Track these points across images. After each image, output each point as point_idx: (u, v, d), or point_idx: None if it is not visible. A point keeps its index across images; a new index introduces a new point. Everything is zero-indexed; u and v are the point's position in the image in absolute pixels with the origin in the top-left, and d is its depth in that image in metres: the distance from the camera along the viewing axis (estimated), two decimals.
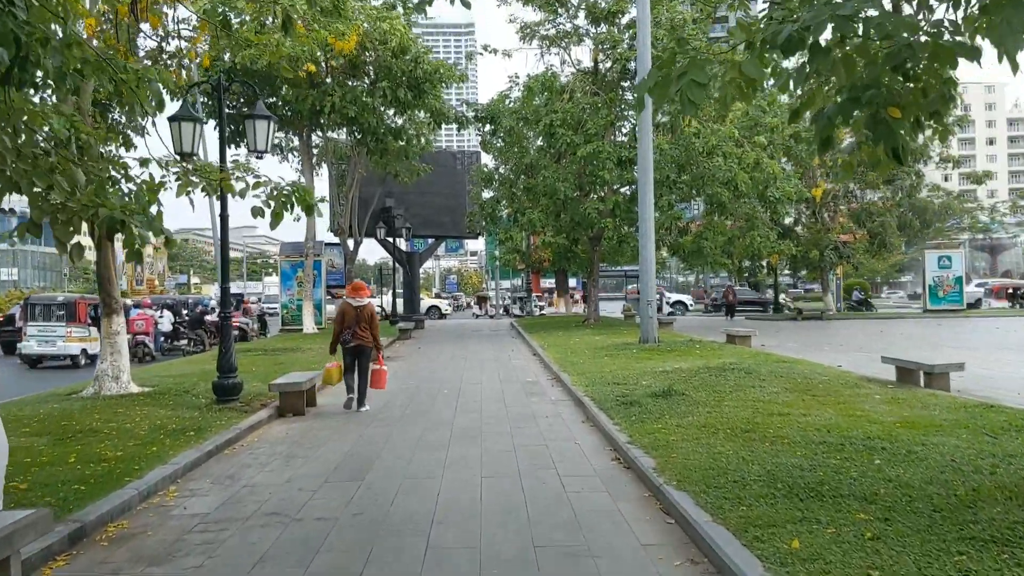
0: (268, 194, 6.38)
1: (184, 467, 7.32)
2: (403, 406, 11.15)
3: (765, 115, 23.34)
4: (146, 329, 22.19)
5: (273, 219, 6.41)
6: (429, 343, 23.80)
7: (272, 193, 6.35)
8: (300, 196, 6.38)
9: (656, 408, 9.13)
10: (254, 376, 13.65)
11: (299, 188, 6.39)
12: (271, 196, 6.35)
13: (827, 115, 4.72)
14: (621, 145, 24.59)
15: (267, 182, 6.46)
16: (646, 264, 17.16)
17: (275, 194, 6.33)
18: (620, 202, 23.93)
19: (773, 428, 7.76)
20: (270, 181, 6.47)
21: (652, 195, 17.32)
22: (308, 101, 23.44)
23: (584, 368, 13.86)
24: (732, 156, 22.42)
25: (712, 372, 11.92)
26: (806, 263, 33.01)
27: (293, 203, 6.44)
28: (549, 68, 25.90)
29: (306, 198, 6.39)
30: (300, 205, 6.42)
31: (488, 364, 16.91)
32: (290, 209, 6.42)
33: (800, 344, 20.56)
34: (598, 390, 11.04)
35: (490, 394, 12.16)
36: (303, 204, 6.41)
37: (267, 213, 6.44)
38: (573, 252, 28.34)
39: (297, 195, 6.37)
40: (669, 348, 16.31)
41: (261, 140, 10.60)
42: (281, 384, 10.56)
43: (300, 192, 6.37)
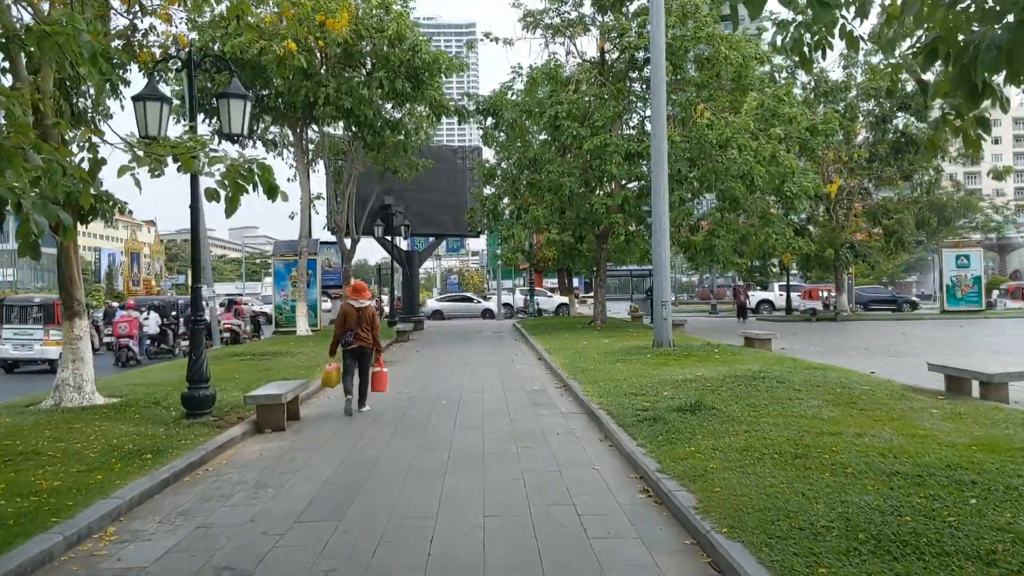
0: (224, 173, 5.20)
1: (130, 501, 6.14)
2: (396, 421, 9.97)
3: (782, 104, 22.09)
4: (130, 332, 21.03)
5: (229, 205, 5.24)
6: (428, 346, 22.62)
7: (229, 172, 5.18)
8: (262, 175, 5.20)
9: (685, 426, 7.94)
10: (235, 384, 12.47)
11: (260, 165, 5.21)
12: (227, 175, 5.17)
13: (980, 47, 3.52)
14: (629, 138, 23.39)
15: (224, 158, 5.29)
16: (660, 262, 15.97)
17: (232, 172, 5.16)
18: (629, 197, 22.73)
19: (828, 452, 6.58)
20: (227, 157, 5.30)
21: (667, 187, 16.12)
22: (301, 92, 22.29)
23: (595, 375, 12.67)
24: (748, 149, 21.21)
25: (740, 381, 10.73)
26: (819, 262, 31.81)
27: (256, 183, 5.27)
28: (553, 56, 24.69)
29: (268, 177, 5.20)
30: (263, 186, 5.24)
31: (490, 370, 15.73)
32: (250, 190, 5.25)
33: (823, 348, 19.36)
34: (614, 402, 9.85)
35: (493, 405, 10.98)
36: (265, 185, 5.23)
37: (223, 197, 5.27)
38: (578, 250, 27.13)
39: (259, 174, 5.20)
40: (686, 352, 15.11)
41: (236, 122, 9.42)
42: (258, 396, 9.38)
43: (261, 170, 5.19)
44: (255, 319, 30.14)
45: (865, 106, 31.05)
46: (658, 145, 15.99)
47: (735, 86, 23.65)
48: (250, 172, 5.22)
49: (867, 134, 31.56)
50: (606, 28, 24.65)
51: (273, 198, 5.35)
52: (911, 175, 32.61)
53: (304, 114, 24.35)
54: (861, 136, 31.63)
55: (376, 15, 22.33)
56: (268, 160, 44.24)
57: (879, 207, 31.85)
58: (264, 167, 5.25)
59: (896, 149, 30.83)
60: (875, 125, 30.73)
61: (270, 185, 5.29)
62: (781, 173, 21.87)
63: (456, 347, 21.90)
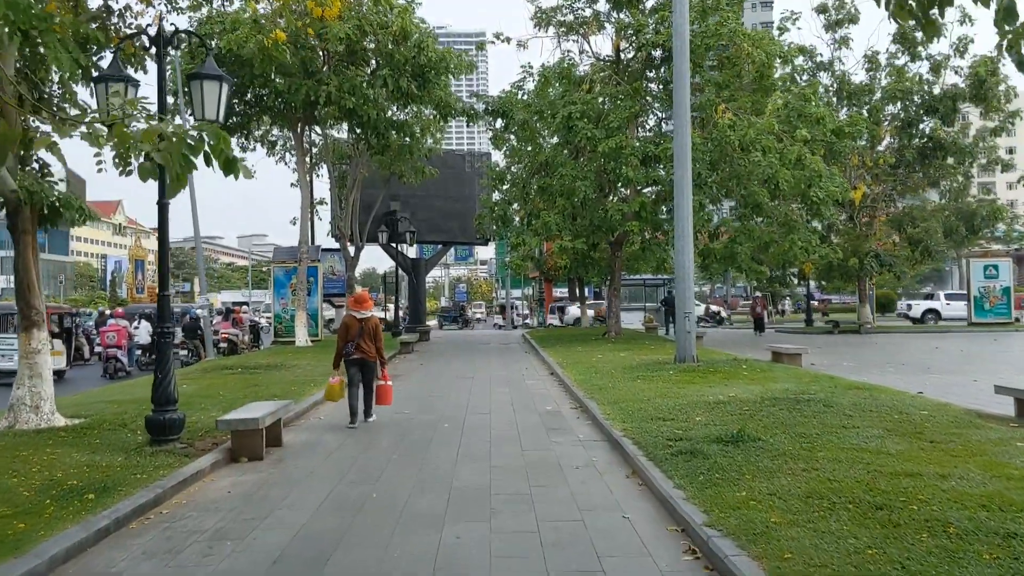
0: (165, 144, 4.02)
1: (52, 560, 4.95)
2: (391, 448, 8.76)
3: (808, 104, 20.85)
4: (118, 342, 19.92)
5: (173, 183, 4.07)
6: (433, 358, 21.42)
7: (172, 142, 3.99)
8: (216, 144, 4.02)
9: (729, 462, 6.71)
10: (217, 403, 11.30)
11: (214, 132, 4.03)
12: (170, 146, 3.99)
13: None
14: (646, 140, 22.21)
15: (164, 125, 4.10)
16: (683, 270, 14.74)
17: (176, 143, 3.98)
18: (645, 203, 21.50)
19: (914, 501, 5.34)
20: (170, 123, 4.12)
21: (690, 190, 14.94)
22: (302, 91, 21.18)
23: (615, 394, 11.44)
24: (772, 151, 19.99)
25: (781, 405, 9.49)
26: (842, 271, 30.47)
27: (210, 157, 4.09)
28: (567, 54, 23.53)
29: (222, 147, 4.02)
30: (216, 159, 4.06)
31: (499, 386, 14.51)
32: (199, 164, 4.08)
33: (855, 363, 18.07)
34: (640, 428, 8.62)
35: (501, 430, 9.75)
36: (220, 158, 4.05)
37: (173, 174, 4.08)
38: (591, 258, 25.91)
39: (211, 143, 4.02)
40: (711, 369, 13.86)
41: (211, 107, 8.27)
42: (232, 421, 8.19)
43: (215, 138, 4.01)
44: (255, 328, 29.03)
45: (890, 109, 29.76)
46: (681, 144, 14.80)
47: (756, 87, 22.45)
48: (199, 141, 4.03)
49: (891, 139, 30.25)
50: (622, 25, 23.51)
51: (230, 173, 4.17)
52: (938, 182, 31.29)
53: (305, 114, 23.28)
54: (886, 141, 30.33)
55: (380, 10, 21.24)
56: (265, 162, 42.65)
57: (905, 215, 30.49)
58: (218, 134, 4.06)
59: (923, 154, 29.52)
60: (901, 129, 29.42)
61: (226, 158, 4.11)
62: (807, 177, 20.62)
63: (462, 360, 20.69)
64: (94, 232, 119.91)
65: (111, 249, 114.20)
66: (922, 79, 29.21)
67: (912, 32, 29.21)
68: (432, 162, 29.92)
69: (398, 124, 24.02)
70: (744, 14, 25.73)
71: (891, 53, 30.31)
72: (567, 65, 23.38)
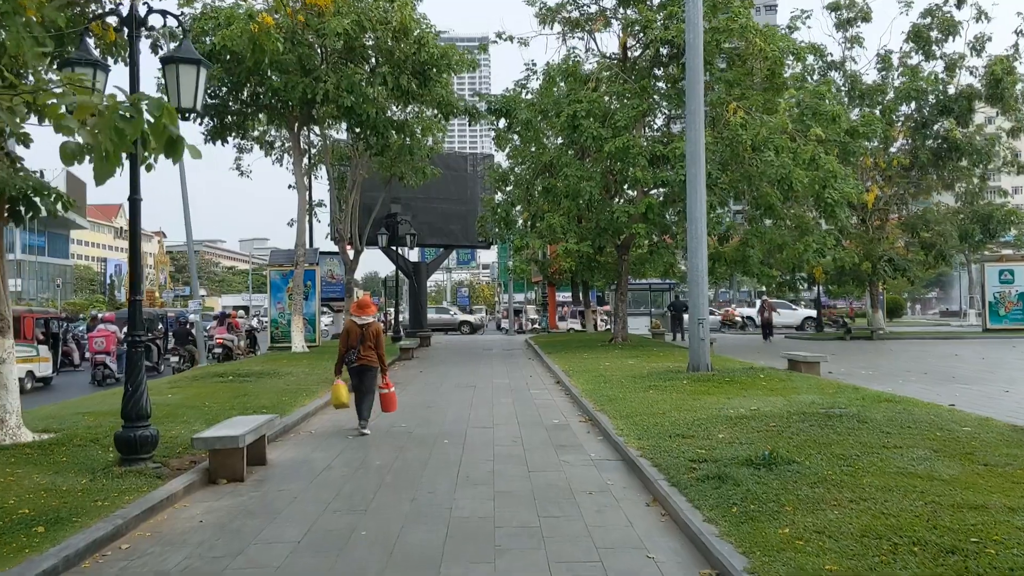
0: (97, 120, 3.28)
1: None
2: (385, 468, 8.00)
3: (822, 102, 20.07)
4: (106, 348, 19.20)
5: (100, 166, 3.31)
6: (433, 365, 20.65)
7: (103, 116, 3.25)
8: (159, 119, 3.28)
9: (763, 489, 5.94)
10: (201, 415, 10.57)
11: (155, 103, 3.29)
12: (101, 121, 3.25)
13: None
14: (654, 140, 21.46)
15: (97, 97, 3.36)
16: (697, 273, 13.98)
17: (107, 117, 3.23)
18: (653, 205, 20.72)
19: (988, 543, 4.58)
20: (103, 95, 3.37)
21: (704, 189, 14.19)
22: (299, 89, 20.47)
23: (627, 406, 10.67)
24: (786, 150, 19.23)
25: (810, 420, 8.73)
26: (854, 276, 29.66)
27: (147, 137, 3.35)
28: (572, 51, 22.78)
29: (165, 123, 3.28)
30: (155, 139, 3.31)
31: (502, 396, 13.75)
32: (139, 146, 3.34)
33: (874, 372, 17.28)
34: (657, 446, 7.86)
35: (506, 447, 8.99)
36: (160, 137, 3.31)
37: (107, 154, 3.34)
38: (597, 262, 25.12)
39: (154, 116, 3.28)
40: (727, 378, 13.09)
41: (188, 94, 7.53)
42: (209, 439, 7.43)
43: (158, 111, 3.27)
44: (251, 333, 28.30)
45: (904, 110, 28.97)
46: (694, 141, 14.05)
47: (767, 85, 21.70)
48: (138, 114, 3.29)
49: (904, 140, 29.44)
50: (629, 22, 22.77)
51: (174, 155, 3.42)
52: (953, 184, 30.47)
53: (302, 113, 22.57)
54: (898, 143, 29.52)
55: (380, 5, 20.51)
56: (266, 165, 41.64)
57: (918, 218, 29.67)
58: (162, 107, 3.32)
59: (937, 156, 28.72)
60: (915, 130, 28.62)
61: (168, 137, 3.36)
62: (822, 178, 19.85)
63: (464, 367, 19.93)
64: (95, 235, 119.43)
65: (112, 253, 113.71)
66: (937, 78, 28.44)
67: (927, 30, 28.48)
68: (434, 163, 29.21)
69: (398, 124, 23.31)
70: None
71: (904, 52, 29.56)
72: (572, 63, 22.64)
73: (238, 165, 29.36)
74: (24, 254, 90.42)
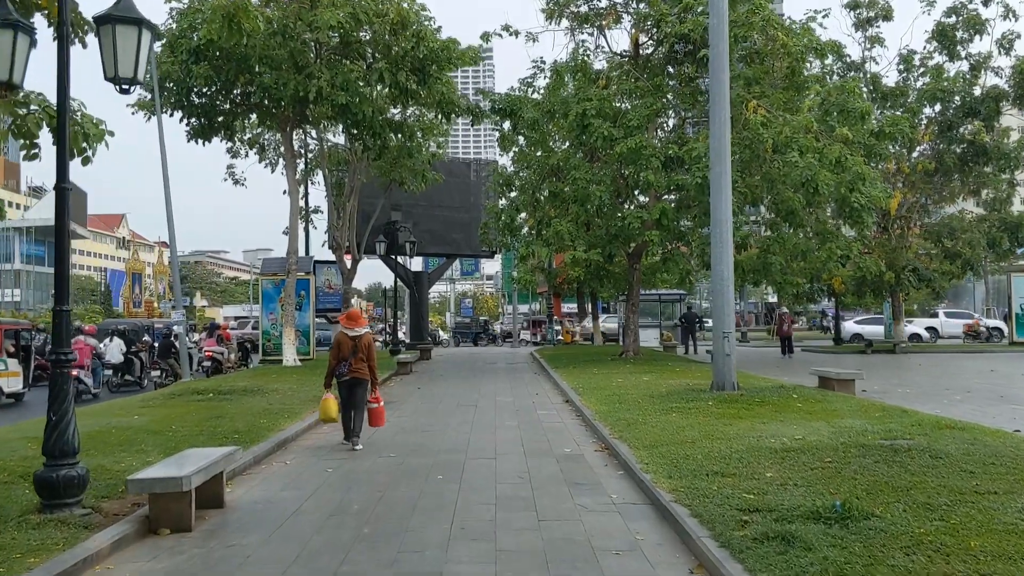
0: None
1: None
2: (364, 513, 6.64)
3: (850, 98, 18.71)
4: (80, 362, 17.84)
5: None
6: (432, 380, 19.30)
7: None
8: None
9: (845, 557, 4.56)
10: (163, 442, 9.26)
11: None
12: None
13: None
14: (668, 141, 20.15)
15: None
16: (721, 281, 12.62)
17: None
18: (667, 210, 19.36)
19: None
20: None
21: (729, 189, 12.87)
22: (290, 87, 19.25)
23: (650, 433, 9.31)
24: (811, 151, 17.90)
25: (870, 453, 7.38)
26: (875, 286, 28.23)
27: None
28: (581, 45, 21.45)
29: None
30: None
31: (506, 417, 12.38)
32: None
33: (912, 389, 15.88)
34: (694, 487, 6.49)
35: (511, 485, 7.62)
36: None
37: None
38: (607, 271, 23.76)
39: None
40: (758, 399, 11.71)
41: (128, 61, 6.23)
42: (148, 480, 6.09)
43: None
44: (244, 346, 26.96)
45: (927, 112, 27.62)
46: (718, 135, 12.74)
47: (787, 83, 20.40)
48: None
49: (927, 144, 28.05)
50: (641, 16, 21.53)
51: None
52: (979, 190, 29.07)
53: (294, 113, 21.34)
54: (921, 147, 28.11)
55: None
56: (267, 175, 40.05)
57: (943, 225, 28.24)
58: None
59: (962, 160, 27.35)
60: (940, 133, 27.25)
61: None
62: (849, 180, 18.50)
63: (465, 383, 18.57)
64: (97, 245, 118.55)
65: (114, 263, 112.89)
66: (964, 77, 27.11)
67: (952, 29, 27.21)
68: (436, 170, 27.98)
69: (396, 124, 22.07)
70: None
71: (927, 52, 28.24)
72: (582, 60, 21.33)
73: (231, 173, 28.12)
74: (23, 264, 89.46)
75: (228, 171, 27.54)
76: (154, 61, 19.43)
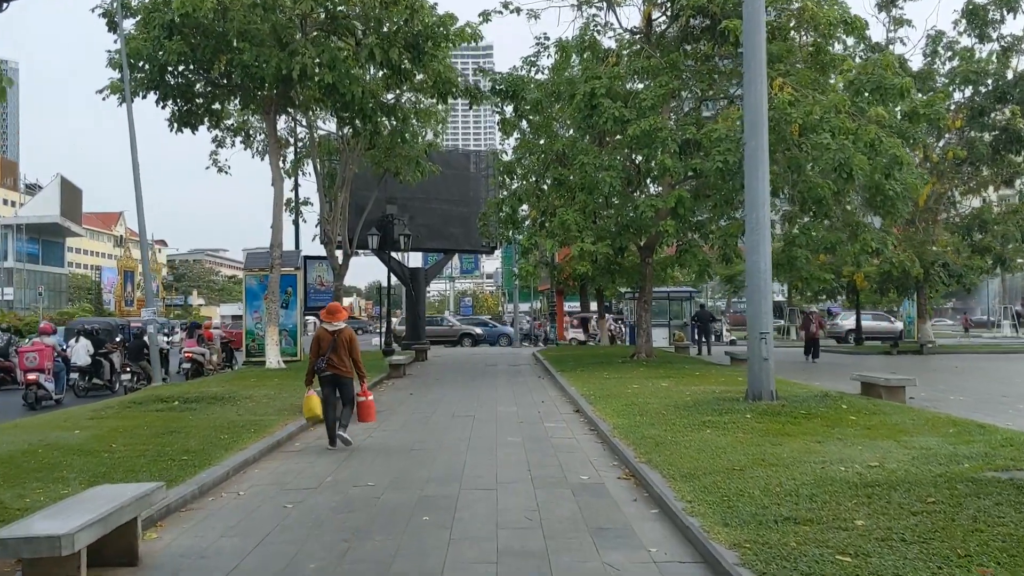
0: None
1: None
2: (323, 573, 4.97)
3: (886, 73, 16.95)
4: (40, 365, 16.19)
5: None
6: (427, 386, 17.61)
7: None
8: None
9: None
10: (96, 466, 7.64)
11: None
12: None
13: None
14: (686, 122, 18.44)
15: None
16: (758, 273, 10.91)
17: None
18: (684, 198, 17.65)
19: None
20: None
21: (767, 165, 11.16)
22: (272, 63, 17.56)
23: (684, 455, 7.64)
24: (845, 132, 16.22)
25: (986, 491, 5.71)
26: (898, 283, 26.53)
27: None
28: (591, 20, 19.71)
29: None
30: None
31: (508, 432, 10.68)
32: None
33: (965, 396, 14.20)
34: (764, 541, 4.81)
35: (516, 531, 5.90)
36: None
37: None
38: (617, 265, 22.02)
39: None
40: (803, 411, 10.02)
41: None
42: (12, 543, 4.40)
43: None
44: (228, 346, 25.29)
45: (956, 97, 25.88)
46: (754, 104, 11.02)
47: (812, 62, 18.71)
48: None
49: (956, 131, 26.28)
50: None
51: None
52: (1013, 180, 27.35)
53: (278, 95, 19.66)
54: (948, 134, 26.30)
55: None
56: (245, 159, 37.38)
57: (973, 217, 26.51)
58: None
59: (995, 148, 25.64)
60: (970, 119, 25.50)
61: None
62: (886, 165, 16.81)
63: (463, 389, 16.87)
64: (93, 244, 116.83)
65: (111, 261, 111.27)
66: (999, 59, 25.36)
67: (983, 10, 25.49)
68: (433, 161, 26.28)
69: (389, 108, 20.37)
70: None
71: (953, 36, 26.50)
72: (591, 37, 19.60)
73: (215, 160, 26.35)
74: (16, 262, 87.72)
75: (211, 158, 25.78)
76: (123, 37, 17.77)
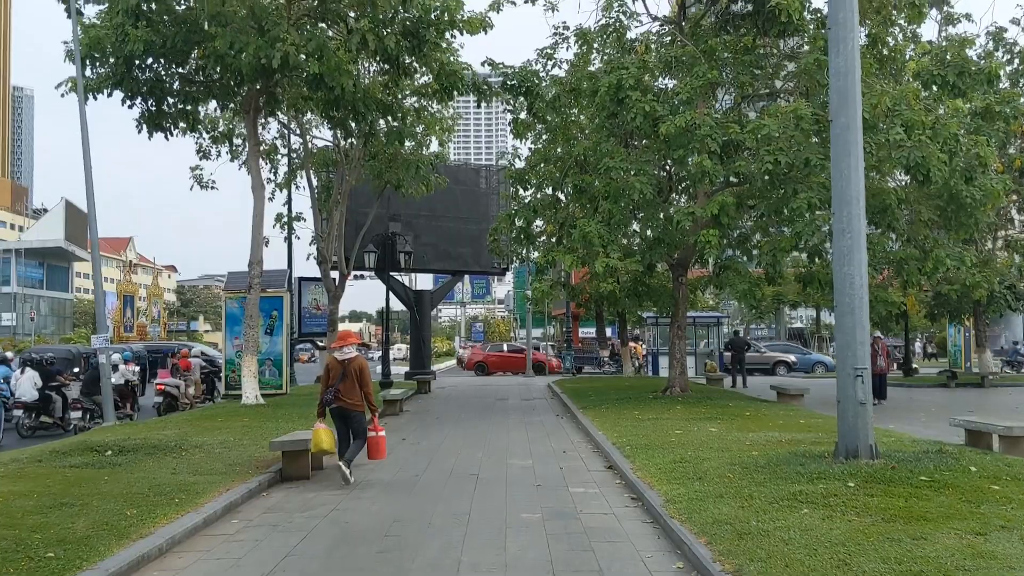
0: None
1: None
2: None
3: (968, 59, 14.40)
4: None
5: None
6: (424, 428, 14.92)
7: None
8: None
9: None
10: None
11: None
12: None
13: None
14: (728, 119, 15.85)
15: None
16: (851, 289, 8.21)
17: None
18: (728, 205, 14.98)
19: None
20: None
21: (860, 148, 8.52)
22: (249, 51, 15.15)
23: (784, 555, 4.95)
24: (920, 126, 13.64)
25: None
26: (955, 307, 23.72)
27: None
28: (619, 2, 17.14)
29: None
30: None
31: (522, 505, 7.95)
32: None
33: None
34: None
35: None
36: None
37: None
38: (645, 285, 19.32)
39: None
40: (924, 476, 7.30)
41: None
42: None
43: None
44: (209, 377, 22.69)
45: None
46: (845, 69, 8.39)
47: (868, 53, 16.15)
48: None
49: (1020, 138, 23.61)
50: None
51: None
52: None
53: (260, 90, 17.28)
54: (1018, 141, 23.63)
55: None
56: (231, 170, 34.08)
57: None
58: None
59: None
60: None
61: None
62: (969, 166, 14.16)
63: (466, 433, 14.16)
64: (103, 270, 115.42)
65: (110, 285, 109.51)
66: None
67: None
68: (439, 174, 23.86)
69: (385, 105, 17.91)
70: None
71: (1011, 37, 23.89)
72: (617, 22, 17.10)
73: (198, 177, 23.98)
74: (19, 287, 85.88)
75: (193, 172, 23.43)
76: (75, 17, 15.45)
